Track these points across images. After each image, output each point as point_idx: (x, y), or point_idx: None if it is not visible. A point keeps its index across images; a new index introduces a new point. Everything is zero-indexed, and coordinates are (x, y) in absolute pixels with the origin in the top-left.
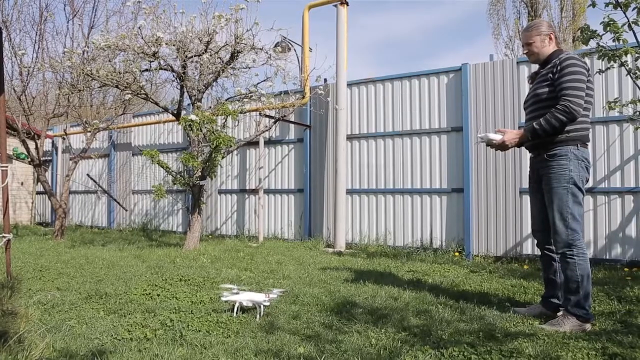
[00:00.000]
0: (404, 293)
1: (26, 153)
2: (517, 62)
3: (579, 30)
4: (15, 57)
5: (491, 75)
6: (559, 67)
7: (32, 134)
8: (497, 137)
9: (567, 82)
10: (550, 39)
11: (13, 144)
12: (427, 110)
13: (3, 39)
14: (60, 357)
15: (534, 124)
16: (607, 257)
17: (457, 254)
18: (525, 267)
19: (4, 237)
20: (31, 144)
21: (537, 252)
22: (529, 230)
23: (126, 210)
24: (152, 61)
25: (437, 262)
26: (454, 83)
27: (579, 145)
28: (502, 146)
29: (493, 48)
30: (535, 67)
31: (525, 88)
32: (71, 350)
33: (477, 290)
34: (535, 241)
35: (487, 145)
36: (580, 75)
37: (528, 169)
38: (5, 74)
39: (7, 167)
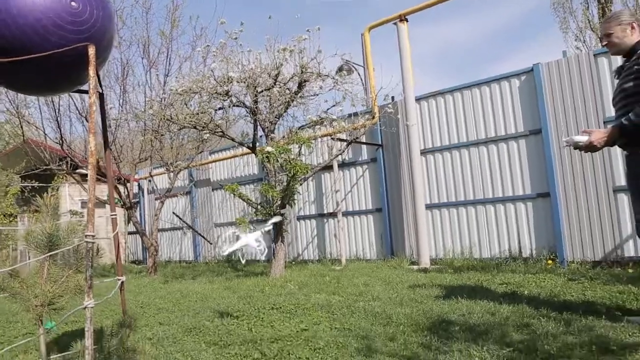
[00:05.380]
0: (500, 307)
1: (119, 197)
2: (594, 55)
3: None
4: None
5: (567, 72)
6: None
7: (122, 179)
8: (583, 139)
9: None
10: (633, 27)
11: (105, 189)
12: (502, 116)
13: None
14: None
15: (623, 119)
16: None
17: (550, 262)
18: (630, 270)
19: (119, 279)
20: (121, 189)
21: None
22: (629, 231)
23: (211, 244)
24: (225, 100)
25: (529, 272)
26: (526, 85)
27: None
28: (590, 147)
29: (562, 43)
30: (616, 59)
31: (607, 81)
32: None
33: (581, 300)
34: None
35: (575, 148)
36: None
37: (620, 165)
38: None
39: (116, 215)
